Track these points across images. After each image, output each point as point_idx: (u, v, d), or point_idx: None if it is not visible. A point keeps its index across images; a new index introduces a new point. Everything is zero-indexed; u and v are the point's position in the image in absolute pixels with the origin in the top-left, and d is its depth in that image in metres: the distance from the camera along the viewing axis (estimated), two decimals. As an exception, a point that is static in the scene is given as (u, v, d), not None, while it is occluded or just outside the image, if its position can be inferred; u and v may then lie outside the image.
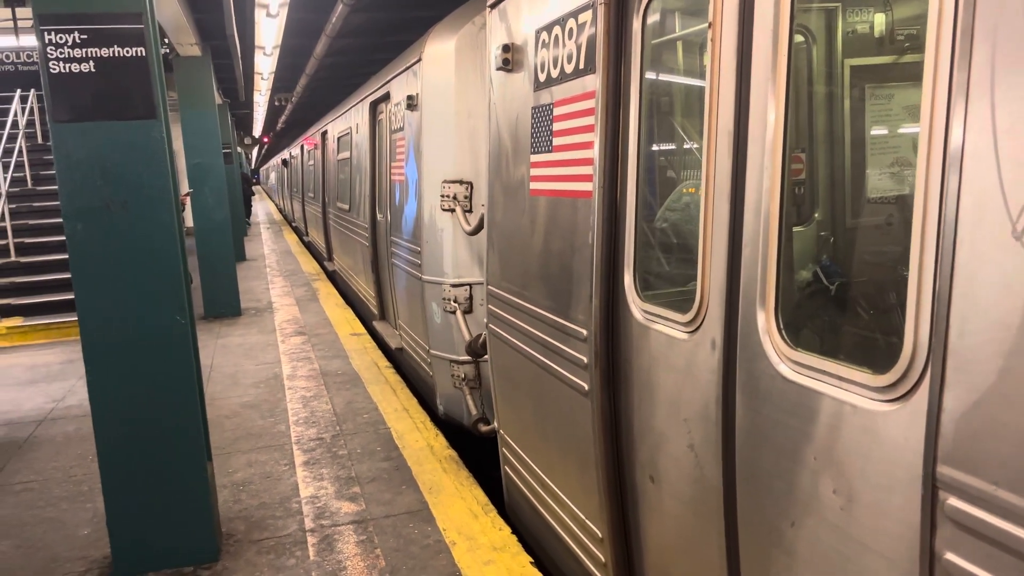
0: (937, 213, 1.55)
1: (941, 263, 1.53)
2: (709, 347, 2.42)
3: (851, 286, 2.63)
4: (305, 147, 19.48)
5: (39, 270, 11.27)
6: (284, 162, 29.19)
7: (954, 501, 1.50)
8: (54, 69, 3.57)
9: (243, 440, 5.96)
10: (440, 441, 5.68)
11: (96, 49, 3.60)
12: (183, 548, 3.97)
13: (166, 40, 9.81)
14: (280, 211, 37.01)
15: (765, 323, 2.15)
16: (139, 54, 3.65)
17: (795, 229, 3.65)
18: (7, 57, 15.35)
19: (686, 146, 3.21)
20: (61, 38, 3.56)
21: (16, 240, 11.43)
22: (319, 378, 7.66)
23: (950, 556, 1.52)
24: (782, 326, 2.11)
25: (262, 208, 42.68)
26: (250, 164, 63.09)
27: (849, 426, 1.84)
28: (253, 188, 36.00)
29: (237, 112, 23.77)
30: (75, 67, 3.59)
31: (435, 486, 4.88)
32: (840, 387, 1.87)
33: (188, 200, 9.18)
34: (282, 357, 8.64)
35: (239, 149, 31.30)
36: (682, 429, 2.60)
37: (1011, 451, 1.38)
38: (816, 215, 3.64)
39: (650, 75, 2.92)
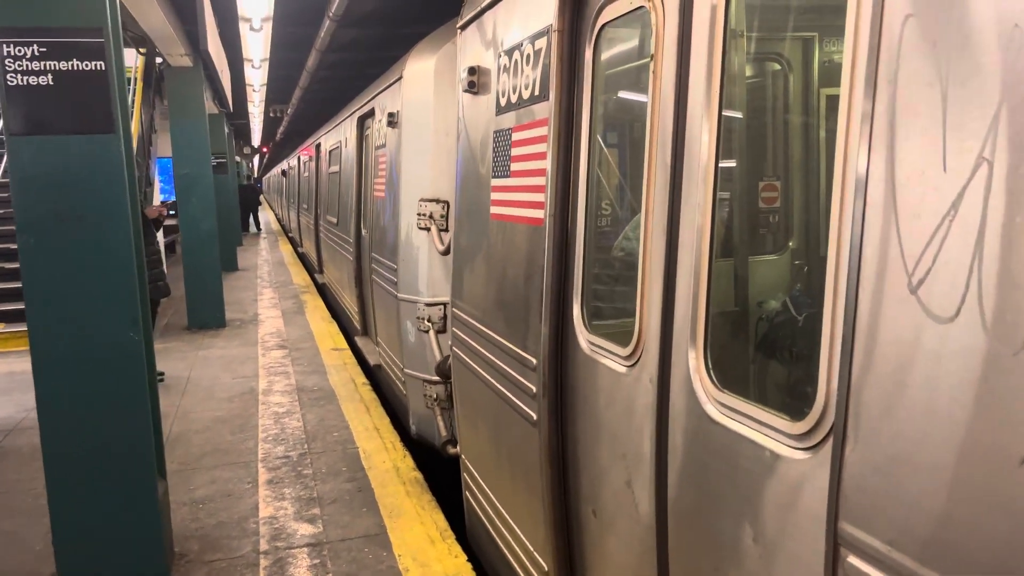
0: (847, 260, 1.52)
1: (847, 312, 1.49)
2: (646, 382, 2.37)
3: (791, 325, 2.60)
4: (301, 159, 19.52)
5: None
6: (283, 172, 29.26)
7: (853, 559, 1.46)
8: (11, 81, 3.54)
9: (209, 456, 5.90)
10: (407, 463, 5.63)
11: (55, 62, 3.57)
12: (130, 568, 3.90)
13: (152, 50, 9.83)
14: (279, 221, 37.05)
15: (695, 362, 2.11)
16: (98, 68, 3.62)
17: (769, 257, 3.62)
18: None
19: (635, 176, 3.19)
20: (20, 50, 3.54)
21: (1, 246, 11.40)
22: (294, 394, 7.61)
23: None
24: (711, 366, 2.07)
25: (261, 218, 42.69)
26: (252, 174, 63.15)
27: (768, 473, 1.79)
28: (260, 198, 36.15)
29: (235, 122, 23.82)
30: (33, 79, 3.56)
31: (396, 509, 4.81)
32: (761, 432, 1.83)
33: (165, 211, 9.11)
34: (260, 371, 8.59)
35: (238, 159, 31.32)
36: (621, 464, 2.55)
37: (902, 511, 1.33)
38: (791, 244, 3.61)
39: (601, 103, 2.90)
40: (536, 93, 3.08)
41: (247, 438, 6.31)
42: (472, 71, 3.83)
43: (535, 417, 3.11)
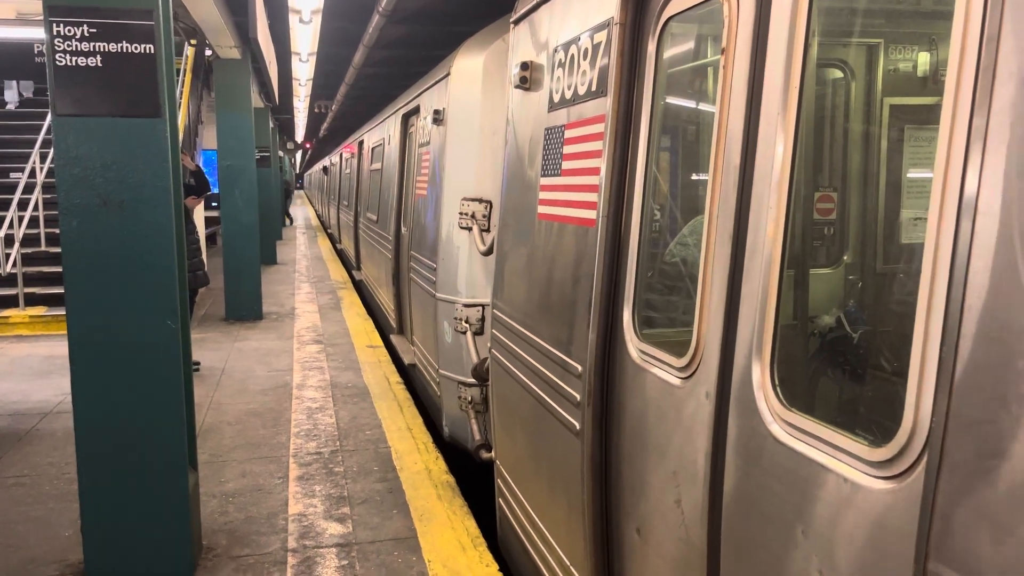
0: (947, 273, 1.37)
1: (947, 330, 1.34)
2: (702, 396, 2.23)
3: (863, 340, 2.44)
4: (343, 155, 19.58)
5: (67, 261, 11.34)
6: (324, 169, 29.45)
7: None
8: (60, 61, 3.51)
9: (241, 449, 5.85)
10: (439, 465, 5.52)
11: (104, 44, 3.53)
12: (156, 560, 3.84)
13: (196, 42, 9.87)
14: (318, 216, 37.36)
15: (760, 376, 1.96)
16: (147, 51, 3.57)
17: (822, 271, 3.46)
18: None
19: (696, 178, 3.05)
20: (70, 30, 3.50)
21: (47, 230, 11.53)
22: (328, 389, 7.55)
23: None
24: (777, 381, 1.93)
25: (301, 213, 43.12)
26: (294, 169, 63.84)
27: (840, 501, 1.65)
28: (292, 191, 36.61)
29: (280, 117, 23.99)
30: (81, 60, 3.52)
31: (427, 513, 4.71)
32: (833, 456, 1.68)
33: (198, 204, 9.12)
34: (295, 365, 8.56)
35: (282, 153, 31.55)
36: (670, 483, 2.42)
37: (1007, 557, 1.19)
38: (845, 257, 3.45)
39: (663, 101, 2.76)
40: (593, 89, 2.95)
41: (279, 432, 6.25)
42: (525, 66, 3.71)
43: (578, 427, 2.98)
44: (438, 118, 6.43)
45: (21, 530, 4.51)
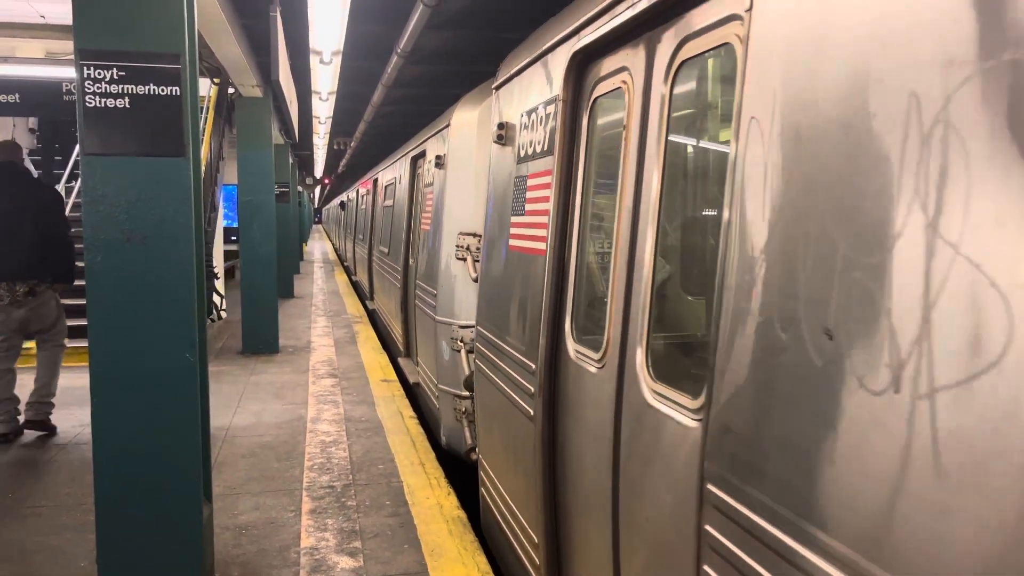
0: (733, 297, 2.13)
1: (721, 328, 2.12)
2: (610, 379, 3.02)
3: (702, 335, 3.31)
4: (359, 192, 20.58)
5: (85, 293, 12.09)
6: (342, 204, 30.56)
7: (711, 487, 2.17)
8: (90, 103, 3.83)
9: (255, 482, 6.21)
10: (451, 500, 5.86)
11: (132, 86, 3.87)
12: (172, 593, 4.16)
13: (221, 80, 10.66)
14: (336, 251, 38.63)
15: (641, 360, 2.76)
16: (174, 93, 3.91)
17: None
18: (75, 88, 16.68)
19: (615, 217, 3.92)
20: (99, 73, 3.83)
21: (70, 265, 12.33)
22: (342, 423, 7.93)
23: (708, 528, 2.21)
24: (650, 363, 2.75)
25: (319, 247, 44.13)
26: (312, 204, 65.37)
27: (678, 438, 2.45)
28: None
29: (300, 153, 24.94)
30: (110, 102, 3.86)
31: (438, 548, 5.02)
32: (675, 409, 2.50)
33: None
34: (310, 399, 8.93)
35: (300, 188, 32.58)
36: (592, 446, 3.19)
37: (732, 447, 2.02)
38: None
39: (594, 159, 3.58)
40: (545, 148, 3.81)
41: (293, 466, 6.60)
42: (501, 126, 4.64)
43: (532, 413, 3.78)
44: (439, 162, 7.52)
45: (37, 559, 4.78)
